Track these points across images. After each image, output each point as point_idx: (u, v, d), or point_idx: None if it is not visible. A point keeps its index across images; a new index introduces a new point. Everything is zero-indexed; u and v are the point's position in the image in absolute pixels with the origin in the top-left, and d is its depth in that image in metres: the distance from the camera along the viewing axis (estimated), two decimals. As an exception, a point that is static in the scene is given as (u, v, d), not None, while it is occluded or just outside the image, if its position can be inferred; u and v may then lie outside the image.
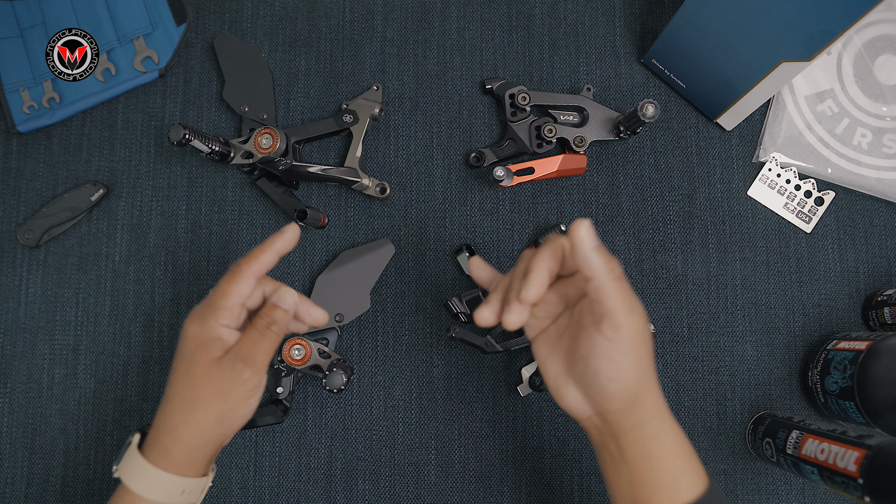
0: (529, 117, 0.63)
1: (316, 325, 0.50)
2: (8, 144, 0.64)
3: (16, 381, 0.61)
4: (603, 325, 0.40)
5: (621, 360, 0.40)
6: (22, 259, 0.63)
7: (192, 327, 0.45)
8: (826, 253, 0.64)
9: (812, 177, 0.65)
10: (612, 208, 0.64)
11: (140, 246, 0.63)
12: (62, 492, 0.60)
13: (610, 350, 0.40)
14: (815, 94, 0.65)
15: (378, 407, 0.61)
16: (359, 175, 0.61)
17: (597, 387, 0.41)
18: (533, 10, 0.67)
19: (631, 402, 0.41)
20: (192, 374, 0.44)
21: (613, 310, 0.39)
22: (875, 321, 0.62)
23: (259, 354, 0.44)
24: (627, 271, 0.63)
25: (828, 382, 0.57)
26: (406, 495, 0.60)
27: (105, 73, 0.64)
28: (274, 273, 0.63)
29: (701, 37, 0.57)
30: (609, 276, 0.39)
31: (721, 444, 0.61)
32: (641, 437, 0.41)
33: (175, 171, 0.64)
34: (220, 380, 0.43)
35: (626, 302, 0.40)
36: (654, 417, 0.42)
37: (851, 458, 0.46)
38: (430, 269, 0.63)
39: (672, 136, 0.65)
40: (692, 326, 0.63)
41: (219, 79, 0.65)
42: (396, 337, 0.62)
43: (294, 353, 0.56)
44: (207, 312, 0.44)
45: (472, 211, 0.64)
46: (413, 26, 0.67)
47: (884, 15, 0.66)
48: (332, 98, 0.65)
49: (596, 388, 0.41)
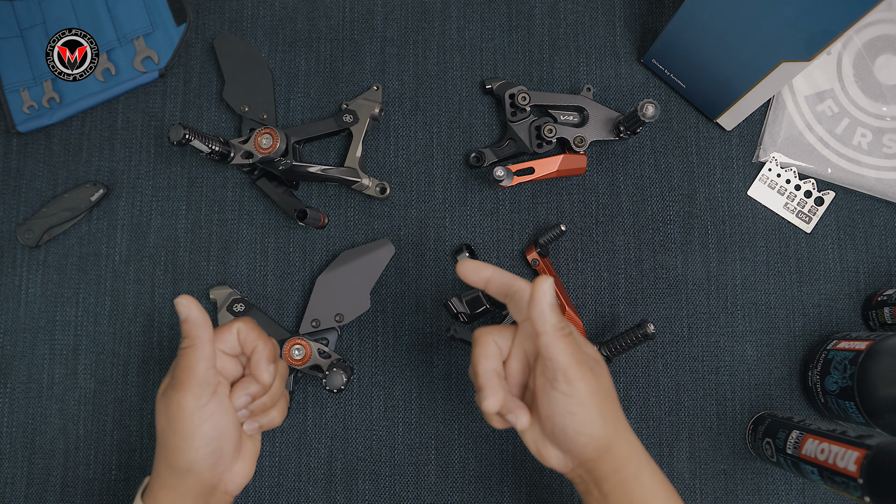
0: (529, 117, 0.63)
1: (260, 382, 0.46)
2: (8, 144, 0.64)
3: (16, 381, 0.61)
4: (557, 381, 0.41)
5: (583, 413, 0.41)
6: (22, 259, 0.63)
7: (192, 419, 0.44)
8: (826, 253, 0.64)
9: (812, 177, 0.65)
10: (612, 208, 0.64)
11: (140, 246, 0.63)
12: (62, 492, 0.60)
13: (569, 405, 0.41)
14: (815, 94, 0.65)
15: (378, 407, 0.61)
16: (359, 175, 0.61)
17: (568, 442, 0.42)
18: (533, 10, 0.67)
19: (605, 449, 0.42)
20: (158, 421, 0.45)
21: (563, 364, 0.41)
22: (875, 321, 0.62)
23: (181, 373, 0.43)
24: (627, 271, 0.63)
25: (828, 382, 0.57)
26: (406, 495, 0.60)
27: (105, 73, 0.64)
28: (274, 273, 0.63)
29: (701, 37, 0.57)
30: (559, 333, 0.41)
31: (721, 444, 0.61)
32: (621, 481, 0.43)
33: (175, 171, 0.64)
34: (166, 413, 0.43)
35: (574, 356, 0.41)
36: (631, 460, 0.43)
37: (851, 458, 0.46)
38: (430, 269, 0.63)
39: (672, 136, 0.65)
40: (692, 326, 0.63)
41: (219, 79, 0.65)
42: (396, 337, 0.62)
43: (294, 353, 0.56)
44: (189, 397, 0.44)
45: (472, 211, 0.64)
46: (413, 26, 0.67)
47: (884, 15, 0.66)
48: (332, 98, 0.65)
49: (568, 444, 0.42)
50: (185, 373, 0.43)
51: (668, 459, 0.61)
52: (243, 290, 0.63)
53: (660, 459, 0.61)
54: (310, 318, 0.60)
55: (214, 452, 0.44)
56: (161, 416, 0.44)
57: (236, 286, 0.62)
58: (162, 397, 0.44)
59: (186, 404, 0.42)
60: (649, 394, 0.62)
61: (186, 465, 0.43)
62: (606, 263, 0.64)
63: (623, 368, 0.62)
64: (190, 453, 0.43)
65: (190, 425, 0.43)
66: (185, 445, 0.43)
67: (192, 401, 0.43)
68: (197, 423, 0.43)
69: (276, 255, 0.63)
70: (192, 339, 0.43)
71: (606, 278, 0.63)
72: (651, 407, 0.62)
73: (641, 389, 0.62)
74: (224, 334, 0.45)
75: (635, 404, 0.62)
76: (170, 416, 0.43)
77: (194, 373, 0.43)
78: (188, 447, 0.43)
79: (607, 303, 0.63)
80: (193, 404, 0.43)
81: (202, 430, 0.43)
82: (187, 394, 0.42)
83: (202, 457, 0.43)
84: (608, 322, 0.63)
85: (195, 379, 0.43)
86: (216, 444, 0.44)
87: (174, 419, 0.43)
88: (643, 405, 0.62)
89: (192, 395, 0.43)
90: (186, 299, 0.44)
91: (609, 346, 0.56)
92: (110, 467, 0.60)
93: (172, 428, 0.43)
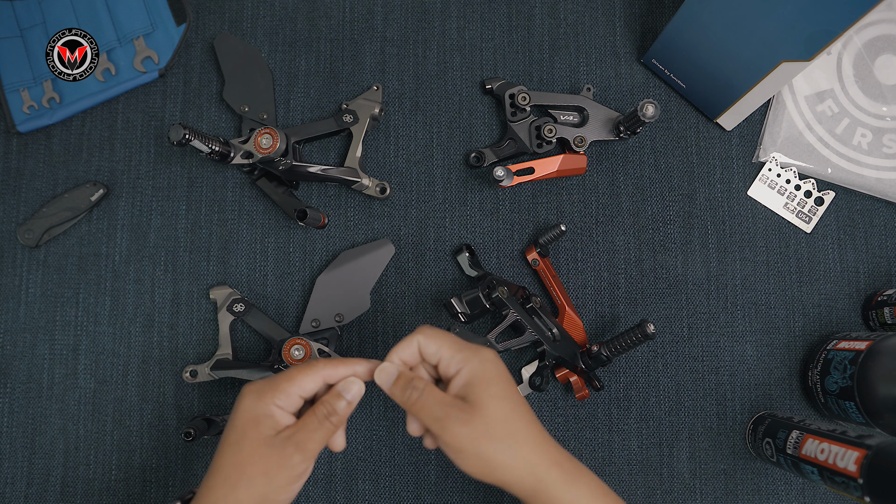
0: (529, 117, 0.63)
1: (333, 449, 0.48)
2: (8, 144, 0.64)
3: (16, 381, 0.61)
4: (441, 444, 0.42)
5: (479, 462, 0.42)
6: (22, 259, 0.63)
7: (247, 400, 0.43)
8: (826, 253, 0.64)
9: (812, 177, 0.65)
10: (612, 208, 0.64)
11: (140, 246, 0.63)
12: (62, 492, 0.60)
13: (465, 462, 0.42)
14: (815, 94, 0.65)
15: (378, 407, 0.61)
16: (359, 175, 0.61)
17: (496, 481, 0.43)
18: (533, 10, 0.67)
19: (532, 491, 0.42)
20: (241, 449, 0.42)
21: (434, 431, 0.42)
22: (875, 321, 0.62)
23: (312, 443, 0.43)
24: (627, 271, 0.63)
25: (828, 382, 0.57)
26: (406, 495, 0.60)
27: (105, 73, 0.64)
28: (274, 273, 0.63)
29: (701, 37, 0.57)
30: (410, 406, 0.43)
31: (721, 444, 0.61)
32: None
33: (175, 171, 0.64)
34: (267, 460, 0.42)
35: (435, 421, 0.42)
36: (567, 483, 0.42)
37: (851, 458, 0.46)
38: (430, 269, 0.63)
39: (672, 136, 0.65)
40: (692, 326, 0.63)
41: (219, 79, 0.65)
42: (396, 337, 0.62)
43: (294, 353, 0.56)
44: (265, 390, 0.43)
45: (472, 211, 0.64)
46: (413, 26, 0.67)
47: (884, 15, 0.66)
48: (332, 98, 0.65)
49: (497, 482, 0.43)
50: (318, 444, 0.43)
51: (668, 459, 0.61)
52: (243, 290, 0.63)
53: (660, 459, 0.61)
54: (310, 318, 0.60)
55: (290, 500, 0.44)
56: (258, 462, 0.42)
57: (236, 286, 0.62)
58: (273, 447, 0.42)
59: (301, 469, 0.42)
60: (649, 394, 0.62)
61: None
62: (606, 263, 0.64)
63: (623, 368, 0.62)
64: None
65: (289, 482, 0.42)
66: (273, 497, 0.42)
67: (306, 467, 0.43)
68: (295, 482, 0.43)
69: (276, 255, 0.63)
70: (342, 419, 0.44)
71: (606, 278, 0.63)
72: (651, 407, 0.62)
73: (641, 389, 0.62)
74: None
75: (635, 404, 0.62)
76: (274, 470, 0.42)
77: (323, 444, 0.44)
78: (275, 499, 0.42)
79: (607, 303, 0.63)
80: (305, 468, 0.43)
81: (295, 488, 0.43)
82: (307, 461, 0.43)
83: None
84: (608, 322, 0.63)
85: (320, 448, 0.44)
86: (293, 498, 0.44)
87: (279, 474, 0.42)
88: (643, 405, 0.62)
89: (309, 463, 0.43)
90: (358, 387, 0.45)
91: (609, 346, 0.56)
92: (110, 467, 0.60)
93: (270, 479, 0.42)
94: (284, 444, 0.42)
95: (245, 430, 0.43)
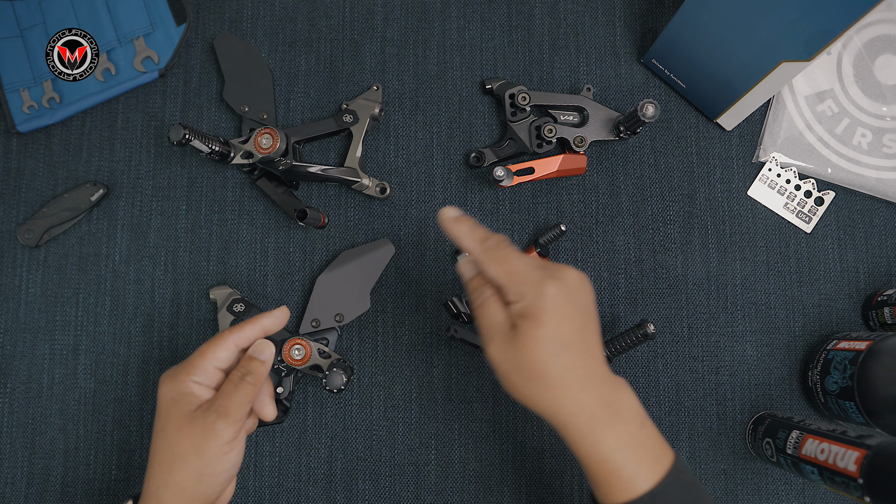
0: (529, 117, 0.63)
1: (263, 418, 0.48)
2: (8, 144, 0.64)
3: (16, 381, 0.61)
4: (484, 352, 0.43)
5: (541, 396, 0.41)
6: (22, 259, 0.63)
7: (165, 384, 0.44)
8: (826, 253, 0.64)
9: (812, 177, 0.65)
10: (612, 208, 0.64)
11: (140, 246, 0.63)
12: (62, 492, 0.60)
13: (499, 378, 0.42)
14: (815, 94, 0.65)
15: (378, 407, 0.61)
16: (359, 175, 0.61)
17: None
18: (533, 10, 0.67)
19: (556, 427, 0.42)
20: (167, 432, 0.43)
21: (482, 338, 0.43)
22: (875, 321, 0.62)
23: (233, 406, 0.43)
24: (627, 271, 0.63)
25: (828, 382, 0.57)
26: (406, 495, 0.60)
27: (105, 73, 0.64)
28: (274, 273, 0.63)
29: (701, 37, 0.57)
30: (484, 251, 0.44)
31: (721, 444, 0.61)
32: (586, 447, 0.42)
33: (175, 171, 0.64)
34: (192, 435, 0.42)
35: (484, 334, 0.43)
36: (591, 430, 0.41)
37: (851, 458, 0.46)
38: (430, 269, 0.63)
39: (672, 136, 0.65)
40: (692, 326, 0.63)
41: (219, 79, 0.65)
42: (396, 337, 0.62)
43: (294, 353, 0.56)
44: (180, 370, 0.44)
45: (472, 211, 0.64)
46: (413, 26, 0.67)
47: (884, 15, 0.66)
48: (332, 98, 0.65)
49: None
50: (239, 406, 0.43)
51: (668, 459, 0.61)
52: (243, 290, 0.63)
53: (660, 459, 0.61)
54: (310, 318, 0.60)
55: (229, 479, 0.44)
56: (185, 440, 0.42)
57: (236, 286, 0.62)
58: (195, 420, 0.42)
59: (227, 435, 0.42)
60: (649, 394, 0.62)
61: (203, 490, 0.43)
62: (606, 263, 0.64)
63: (623, 368, 0.62)
64: (211, 479, 0.42)
65: (221, 453, 0.42)
66: (208, 471, 0.42)
67: (233, 432, 0.43)
68: (228, 452, 0.43)
69: (276, 255, 0.63)
70: (259, 378, 0.44)
71: (606, 278, 0.63)
72: (651, 407, 0.62)
73: (641, 389, 0.62)
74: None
75: (635, 404, 0.62)
76: (202, 442, 0.42)
77: (246, 407, 0.43)
78: (211, 473, 0.42)
79: (607, 303, 0.63)
80: (233, 435, 0.43)
81: (230, 458, 0.43)
82: (232, 425, 0.42)
83: (220, 483, 0.43)
84: (608, 322, 0.63)
85: (244, 411, 0.43)
86: (234, 471, 0.44)
87: (207, 446, 0.42)
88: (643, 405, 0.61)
89: (235, 428, 0.43)
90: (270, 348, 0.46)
91: (609, 346, 0.56)
92: (110, 467, 0.60)
93: (200, 453, 0.42)
94: (205, 415, 0.43)
95: (168, 413, 0.43)
